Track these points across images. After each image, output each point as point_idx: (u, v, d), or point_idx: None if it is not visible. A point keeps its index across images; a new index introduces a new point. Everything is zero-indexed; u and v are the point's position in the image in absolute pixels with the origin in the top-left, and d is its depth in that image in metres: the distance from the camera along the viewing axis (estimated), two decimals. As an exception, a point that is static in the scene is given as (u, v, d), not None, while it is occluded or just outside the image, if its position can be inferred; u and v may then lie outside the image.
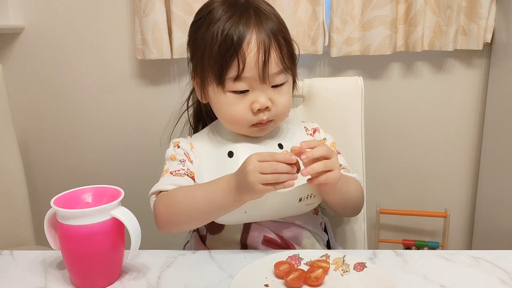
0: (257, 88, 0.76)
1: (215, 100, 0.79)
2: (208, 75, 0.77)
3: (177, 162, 0.82)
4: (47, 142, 1.56)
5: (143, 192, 0.84)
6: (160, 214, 0.75)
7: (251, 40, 0.73)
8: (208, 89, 0.79)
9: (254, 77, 0.74)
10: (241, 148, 0.81)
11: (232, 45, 0.73)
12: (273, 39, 0.75)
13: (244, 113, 0.77)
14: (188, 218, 0.74)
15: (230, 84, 0.75)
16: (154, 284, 0.65)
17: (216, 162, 0.81)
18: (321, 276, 0.64)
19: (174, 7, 1.32)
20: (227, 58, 0.73)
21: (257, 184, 0.65)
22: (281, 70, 0.77)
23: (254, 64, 0.74)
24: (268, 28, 0.75)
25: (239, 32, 0.73)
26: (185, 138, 0.88)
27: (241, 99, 0.76)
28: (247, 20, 0.74)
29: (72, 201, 0.66)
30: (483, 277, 0.66)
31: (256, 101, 0.76)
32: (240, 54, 0.73)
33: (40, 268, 0.71)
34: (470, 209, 1.55)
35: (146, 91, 1.50)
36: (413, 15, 1.31)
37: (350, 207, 0.83)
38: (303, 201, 0.77)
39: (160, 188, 0.77)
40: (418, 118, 1.48)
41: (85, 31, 1.46)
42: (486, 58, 1.41)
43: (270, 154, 0.65)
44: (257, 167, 0.65)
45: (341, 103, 0.99)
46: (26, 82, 1.51)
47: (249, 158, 0.67)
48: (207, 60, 0.76)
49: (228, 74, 0.74)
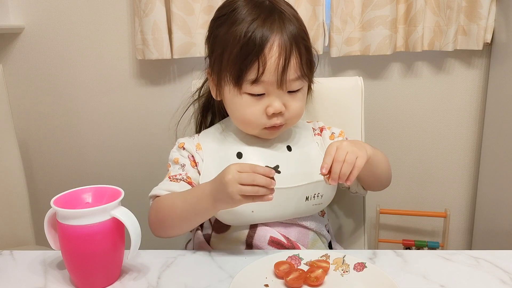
0: (273, 93, 0.76)
1: (230, 101, 0.79)
2: (225, 75, 0.77)
3: (178, 166, 0.82)
4: (47, 142, 1.56)
5: (143, 192, 0.84)
6: (150, 219, 0.78)
7: (273, 45, 0.73)
8: (224, 88, 0.79)
9: (272, 82, 0.74)
10: (250, 149, 0.82)
11: (254, 49, 0.73)
12: (294, 45, 0.75)
13: (258, 116, 0.77)
14: (171, 225, 0.76)
15: (247, 87, 0.75)
16: (154, 284, 0.65)
17: (224, 162, 0.80)
18: (321, 276, 0.64)
19: (174, 7, 1.32)
20: (247, 61, 0.73)
21: (236, 195, 0.65)
22: (299, 76, 0.76)
23: (274, 69, 0.73)
24: (290, 34, 0.75)
25: (262, 35, 0.73)
26: (191, 138, 0.87)
27: (256, 102, 0.76)
28: (271, 25, 0.74)
29: (72, 201, 0.66)
30: (483, 277, 0.66)
31: (271, 106, 0.76)
32: (261, 58, 0.73)
33: (40, 268, 0.71)
34: (470, 209, 1.55)
35: (146, 91, 1.50)
36: (413, 15, 1.31)
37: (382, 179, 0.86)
38: (310, 200, 0.77)
39: (155, 193, 0.79)
40: (418, 118, 1.48)
41: (85, 31, 1.46)
42: (486, 58, 1.41)
43: (250, 166, 0.65)
44: (236, 177, 0.64)
45: (341, 103, 0.99)
46: (26, 82, 1.51)
47: (228, 168, 0.66)
48: (226, 59, 0.76)
49: (247, 77, 0.74)
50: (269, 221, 0.79)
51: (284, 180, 0.79)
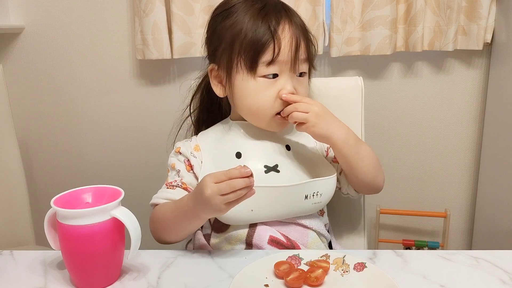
0: (285, 75, 0.79)
1: (242, 89, 0.80)
2: (238, 62, 0.78)
3: (174, 172, 0.84)
4: (47, 142, 1.56)
5: (143, 192, 0.84)
6: (150, 228, 0.80)
7: (285, 27, 0.78)
8: (235, 78, 0.80)
9: (286, 61, 0.78)
10: (249, 149, 0.82)
11: (270, 29, 0.76)
12: (301, 29, 0.80)
13: (272, 100, 0.79)
14: (168, 234, 0.78)
15: (262, 69, 0.78)
16: (154, 284, 0.65)
17: (224, 162, 0.81)
18: (321, 276, 0.64)
19: (174, 7, 1.32)
20: (264, 42, 0.76)
21: (220, 205, 0.65)
22: (306, 58, 0.81)
23: (288, 49, 0.77)
24: (297, 19, 0.81)
25: (275, 17, 0.78)
26: (189, 140, 0.88)
27: (270, 86, 0.79)
28: (279, 11, 0.79)
29: (72, 201, 0.66)
30: (483, 277, 0.66)
31: (284, 88, 0.78)
32: (277, 38, 0.76)
33: (40, 268, 0.71)
34: (470, 209, 1.55)
35: (146, 91, 1.50)
36: (413, 15, 1.31)
37: (365, 175, 0.82)
38: (309, 198, 0.78)
39: (154, 202, 0.81)
40: (418, 118, 1.49)
41: (85, 31, 1.46)
42: (486, 58, 1.41)
43: (225, 173, 0.64)
44: (215, 190, 0.64)
45: (341, 103, 0.99)
46: (26, 82, 1.51)
47: (204, 181, 0.65)
48: (238, 46, 0.78)
49: (262, 59, 0.77)
50: (269, 220, 0.80)
51: (283, 179, 0.79)
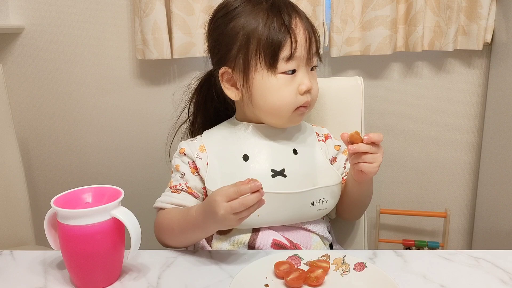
0: (302, 69, 0.80)
1: (263, 87, 0.79)
2: (257, 61, 0.78)
3: (178, 175, 0.83)
4: (47, 142, 1.56)
5: (143, 192, 0.84)
6: (155, 231, 0.80)
7: (297, 22, 0.79)
8: (254, 77, 0.79)
9: (302, 56, 0.79)
10: (257, 152, 0.81)
11: (285, 25, 0.77)
12: (309, 24, 0.82)
13: (293, 95, 0.79)
14: (174, 242, 0.77)
15: (282, 65, 0.78)
16: (154, 284, 0.65)
17: (231, 164, 0.80)
18: (321, 276, 0.64)
19: (174, 7, 1.32)
20: (281, 38, 0.76)
21: (236, 222, 0.65)
22: (317, 51, 0.83)
23: (304, 44, 0.78)
24: (303, 15, 0.82)
25: (287, 13, 0.78)
26: (193, 141, 0.86)
27: (290, 82, 0.79)
28: (287, 7, 0.80)
29: (72, 201, 0.66)
30: (483, 277, 0.66)
31: (303, 83, 0.79)
32: (292, 34, 0.77)
33: (40, 268, 0.70)
34: (470, 209, 1.55)
35: (146, 91, 1.50)
36: (413, 15, 1.31)
37: (361, 207, 0.89)
38: (315, 205, 0.78)
39: (159, 205, 0.81)
40: (418, 118, 1.48)
41: (85, 31, 1.46)
42: (486, 58, 1.41)
43: (235, 190, 0.63)
44: (228, 210, 0.63)
45: (341, 103, 0.99)
46: (26, 82, 1.51)
47: (215, 202, 0.64)
48: (255, 45, 0.77)
49: (281, 55, 0.77)
50: (274, 224, 0.79)
51: (289, 184, 0.79)
